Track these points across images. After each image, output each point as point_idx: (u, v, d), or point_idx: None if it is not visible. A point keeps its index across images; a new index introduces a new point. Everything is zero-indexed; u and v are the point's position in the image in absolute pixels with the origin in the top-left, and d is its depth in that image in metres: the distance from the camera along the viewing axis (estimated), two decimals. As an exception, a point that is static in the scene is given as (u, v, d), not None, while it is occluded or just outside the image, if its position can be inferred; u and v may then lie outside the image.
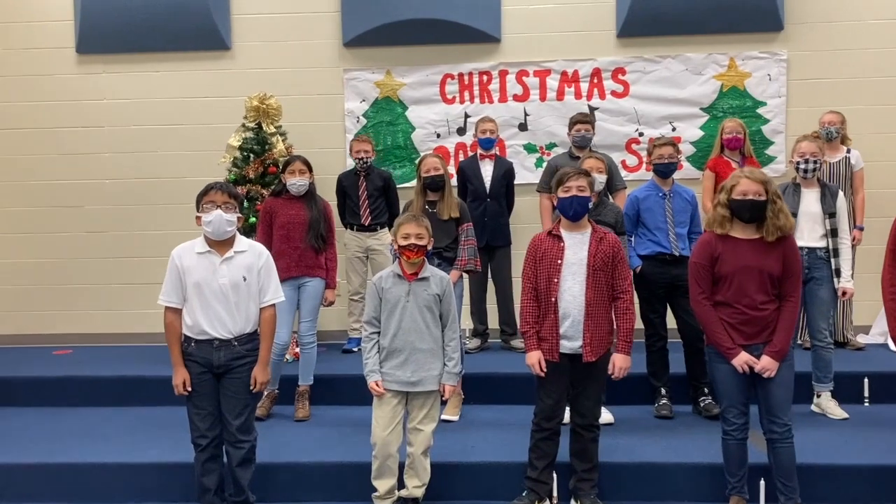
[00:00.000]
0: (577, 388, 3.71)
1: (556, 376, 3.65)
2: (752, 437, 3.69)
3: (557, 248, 3.62)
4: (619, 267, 3.63)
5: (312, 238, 4.87)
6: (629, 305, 3.64)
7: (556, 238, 3.65)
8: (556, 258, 3.61)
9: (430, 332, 3.62)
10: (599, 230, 3.68)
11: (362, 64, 6.53)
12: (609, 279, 3.61)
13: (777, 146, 6.40)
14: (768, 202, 3.42)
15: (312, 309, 4.92)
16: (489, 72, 6.48)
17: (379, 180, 5.94)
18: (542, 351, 3.63)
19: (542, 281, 3.63)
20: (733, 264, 3.43)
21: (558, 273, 3.60)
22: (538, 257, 3.65)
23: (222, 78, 6.55)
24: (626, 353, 3.64)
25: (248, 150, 5.87)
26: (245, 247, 3.57)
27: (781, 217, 3.42)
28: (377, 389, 3.57)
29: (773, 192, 3.45)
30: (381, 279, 3.67)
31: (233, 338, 3.51)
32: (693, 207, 4.83)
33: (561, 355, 3.62)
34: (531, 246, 3.71)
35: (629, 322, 3.63)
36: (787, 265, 3.44)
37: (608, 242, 3.63)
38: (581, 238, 3.63)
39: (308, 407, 4.92)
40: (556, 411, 3.70)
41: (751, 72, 6.38)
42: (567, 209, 3.63)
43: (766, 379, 3.45)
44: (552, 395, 3.68)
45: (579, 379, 3.68)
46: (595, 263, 3.58)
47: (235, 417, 3.56)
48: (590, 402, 3.71)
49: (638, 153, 6.48)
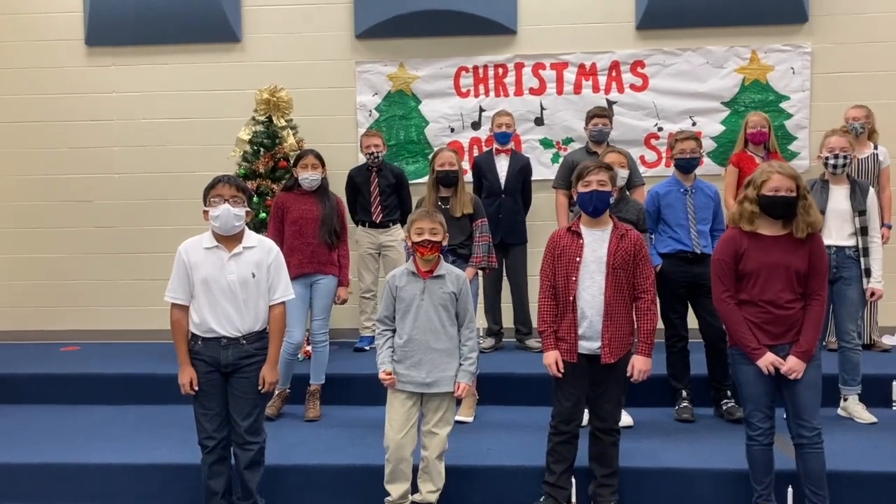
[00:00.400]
0: (596, 391, 3.59)
1: (574, 378, 3.54)
2: (779, 443, 3.55)
3: (576, 245, 3.50)
4: (640, 265, 3.50)
5: (325, 234, 4.77)
6: (650, 306, 3.51)
7: (576, 235, 3.53)
8: (575, 256, 3.49)
9: (446, 331, 3.50)
10: (621, 227, 3.56)
11: (375, 56, 6.42)
12: (630, 278, 3.49)
13: (800, 142, 6.24)
14: (799, 198, 3.30)
15: (325, 307, 4.81)
16: (505, 64, 6.36)
17: (391, 176, 5.84)
18: (560, 351, 3.51)
19: (560, 279, 3.51)
20: (759, 261, 3.31)
21: (577, 271, 3.48)
22: (556, 254, 3.54)
23: (232, 70, 6.45)
24: (647, 355, 3.51)
25: (258, 143, 5.79)
26: (254, 242, 3.46)
27: (812, 213, 3.32)
28: (388, 379, 3.43)
29: (804, 188, 3.35)
30: (395, 277, 3.55)
31: (241, 336, 3.41)
32: (716, 204, 4.69)
33: (579, 356, 3.50)
34: (550, 243, 3.60)
35: (650, 323, 3.51)
36: (814, 262, 3.32)
37: (630, 240, 3.50)
38: (601, 235, 3.51)
39: (319, 407, 4.82)
40: (574, 414, 3.58)
41: (773, 65, 6.22)
42: (587, 204, 3.50)
43: (793, 381, 3.32)
44: (570, 397, 3.56)
45: (598, 381, 3.56)
46: (615, 262, 3.46)
47: (244, 418, 3.45)
48: (609, 405, 3.58)
49: (657, 148, 6.34)
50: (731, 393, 4.64)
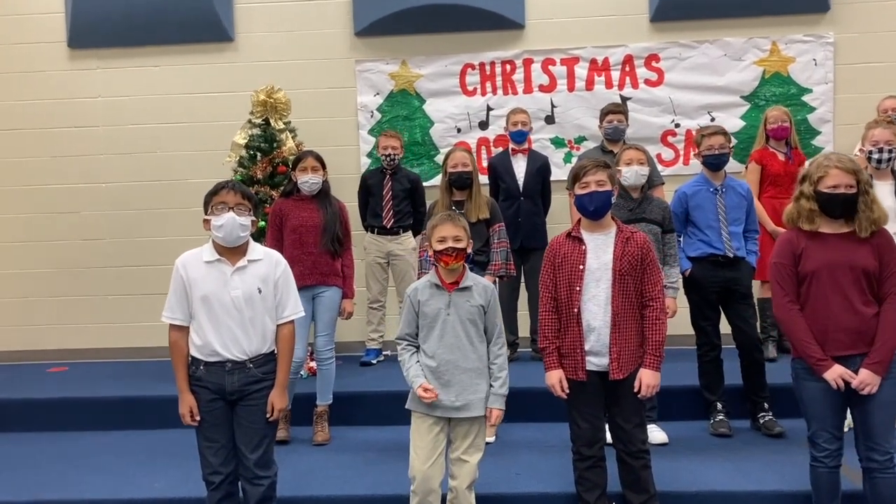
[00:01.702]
0: (611, 411, 3.30)
1: (586, 397, 3.24)
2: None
3: (578, 251, 3.21)
4: (648, 270, 3.21)
5: (328, 242, 4.47)
6: (660, 314, 3.21)
7: (576, 240, 3.24)
8: (578, 263, 3.19)
9: (475, 348, 3.17)
10: (626, 229, 3.27)
11: (376, 54, 6.16)
12: (638, 285, 3.20)
13: (824, 136, 5.99)
14: (860, 194, 3.02)
15: (330, 321, 4.52)
16: (513, 61, 6.09)
17: (406, 181, 5.59)
18: (565, 369, 3.23)
19: (562, 290, 3.22)
20: (819, 260, 3.02)
21: (580, 280, 3.18)
22: (557, 263, 3.25)
23: (226, 71, 6.21)
24: (655, 368, 3.20)
25: (254, 148, 5.52)
26: (260, 255, 3.13)
27: (875, 209, 3.04)
28: (427, 395, 3.10)
29: (865, 182, 3.06)
30: (417, 291, 3.22)
31: (248, 359, 3.09)
32: (749, 203, 4.41)
33: (588, 373, 3.20)
34: (549, 251, 3.32)
35: (659, 333, 3.21)
36: (885, 260, 3.02)
37: (636, 243, 3.21)
38: (604, 239, 3.22)
39: (328, 429, 4.54)
40: (594, 435, 3.27)
41: (795, 56, 5.97)
42: (586, 206, 3.22)
43: (865, 397, 3.01)
44: (586, 418, 3.26)
45: (612, 400, 3.27)
46: (622, 267, 3.16)
47: (252, 450, 3.12)
48: (629, 425, 3.26)
49: (674, 146, 6.06)
50: (769, 405, 4.41)
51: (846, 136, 5.74)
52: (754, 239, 4.43)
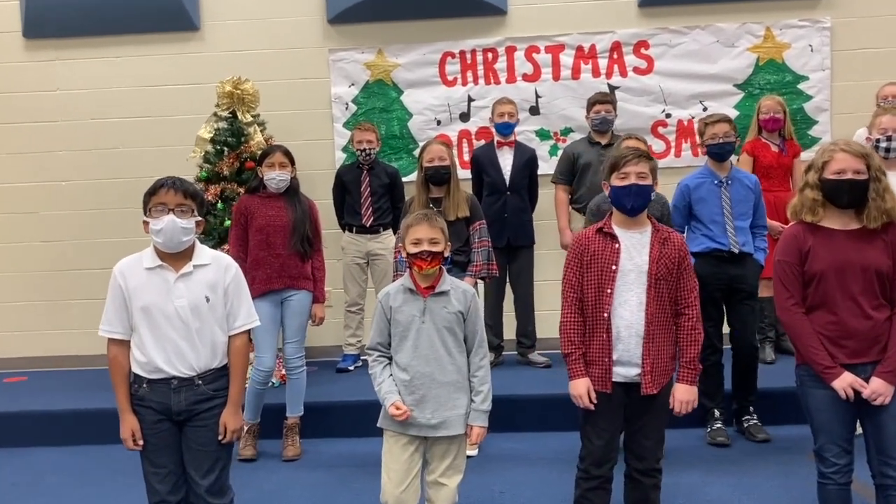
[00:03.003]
0: (633, 426, 2.99)
1: (608, 411, 2.94)
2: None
3: (611, 250, 2.91)
4: (685, 275, 2.93)
5: (297, 242, 4.18)
6: (696, 324, 2.93)
7: (610, 237, 2.93)
8: (610, 263, 2.89)
9: (453, 359, 2.86)
10: (663, 229, 2.98)
11: (350, 43, 5.87)
12: (672, 291, 2.91)
13: (821, 126, 5.73)
14: (871, 180, 2.74)
15: (299, 327, 4.24)
16: (495, 49, 5.81)
17: (384, 176, 5.32)
18: (591, 379, 2.91)
19: (590, 291, 2.91)
20: (828, 259, 2.74)
21: (612, 282, 2.88)
22: (586, 260, 2.93)
23: (191, 62, 5.90)
24: (692, 383, 2.92)
25: (221, 142, 5.21)
26: (207, 259, 2.82)
27: (888, 198, 2.74)
28: (401, 413, 2.80)
29: (877, 168, 2.77)
30: (389, 296, 2.91)
31: (196, 375, 2.77)
32: (756, 196, 4.16)
33: (614, 385, 2.90)
34: (576, 246, 2.99)
35: (696, 345, 2.92)
36: None
37: (674, 244, 2.92)
38: (640, 238, 2.93)
39: (299, 443, 4.28)
40: (607, 454, 2.98)
41: (790, 42, 5.70)
42: (625, 201, 2.90)
43: (877, 408, 2.72)
44: (603, 434, 2.95)
45: (636, 414, 2.96)
46: (658, 271, 2.87)
47: (203, 476, 2.80)
48: (650, 441, 2.99)
49: (665, 137, 5.79)
50: (754, 409, 4.23)
51: (844, 125, 5.47)
52: (762, 235, 4.17)
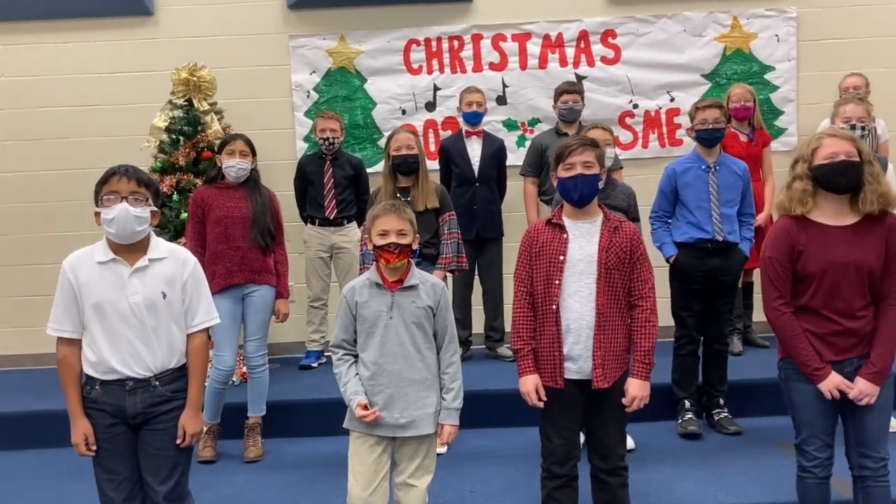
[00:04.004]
0: (592, 424, 2.91)
1: (563, 408, 2.85)
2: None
3: (560, 240, 2.83)
4: (638, 265, 2.83)
5: (258, 235, 4.02)
6: (650, 316, 2.83)
7: (558, 228, 2.85)
8: (558, 254, 2.81)
9: (423, 356, 2.75)
10: (613, 217, 2.89)
11: (311, 29, 5.69)
12: (625, 281, 2.82)
13: (787, 116, 5.71)
14: (864, 163, 2.67)
15: (261, 324, 4.07)
16: (460, 36, 5.67)
17: (348, 167, 5.15)
18: (542, 375, 2.83)
19: (539, 283, 2.83)
20: (823, 259, 2.66)
21: (560, 273, 2.79)
22: (534, 252, 2.86)
23: (144, 48, 5.67)
24: (645, 378, 2.83)
25: (176, 131, 5.02)
26: (164, 253, 2.66)
27: (883, 182, 2.68)
28: (369, 413, 2.67)
29: (867, 153, 2.71)
30: (354, 291, 2.78)
31: (153, 376, 2.62)
32: (745, 183, 4.09)
33: (568, 381, 2.82)
34: (525, 239, 2.92)
35: (650, 338, 2.82)
36: (890, 254, 2.68)
37: (625, 233, 2.84)
38: (590, 228, 2.84)
39: (261, 443, 4.13)
40: (569, 452, 2.89)
41: (757, 32, 5.66)
42: (571, 192, 2.82)
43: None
44: (562, 432, 2.87)
45: (594, 412, 2.88)
46: (608, 260, 2.79)
47: (161, 482, 2.64)
48: (611, 440, 2.90)
49: (632, 128, 5.73)
50: (724, 402, 4.19)
51: (810, 115, 5.47)
52: (749, 224, 4.12)
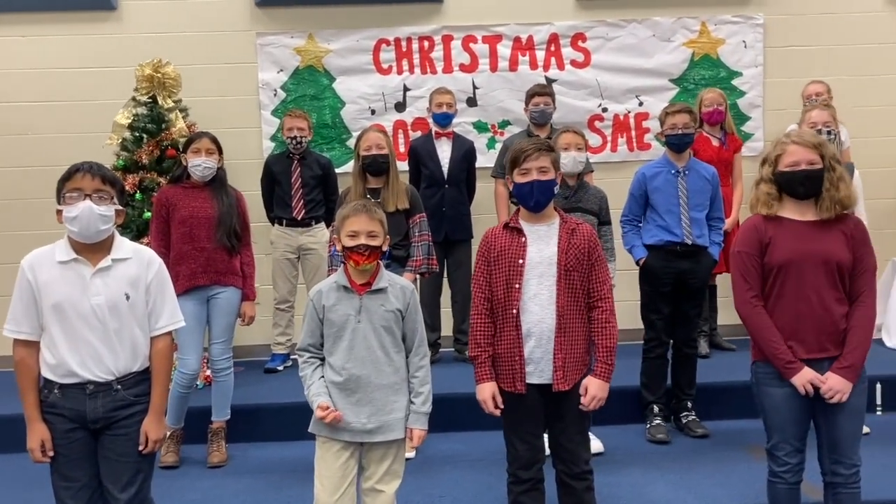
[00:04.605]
0: (554, 429, 2.89)
1: (524, 414, 2.83)
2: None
3: (518, 244, 2.81)
4: (596, 266, 2.84)
5: (224, 235, 3.94)
6: (609, 317, 2.83)
7: (516, 232, 2.84)
8: (518, 257, 2.79)
9: (391, 360, 2.71)
10: (570, 220, 2.89)
11: (279, 27, 5.61)
12: (584, 282, 2.82)
13: (754, 122, 5.77)
14: (825, 170, 2.71)
15: (227, 327, 4.00)
16: (431, 37, 5.63)
17: (316, 167, 5.09)
18: (501, 380, 2.81)
19: (498, 288, 2.81)
20: (789, 250, 2.69)
21: (520, 276, 2.78)
22: (492, 258, 2.84)
23: (107, 43, 5.54)
24: (605, 378, 2.80)
25: (140, 129, 4.93)
26: (128, 253, 2.58)
27: (842, 188, 2.71)
28: (329, 414, 2.62)
29: (831, 158, 2.74)
30: (321, 294, 2.72)
31: (114, 380, 2.54)
32: (713, 187, 4.13)
33: (529, 386, 2.80)
34: (483, 244, 2.90)
35: (610, 338, 2.82)
36: (859, 254, 2.71)
37: (582, 235, 2.83)
38: (547, 231, 2.84)
39: (225, 448, 4.06)
40: (534, 457, 2.87)
41: (724, 38, 5.72)
42: (527, 198, 2.81)
43: (833, 407, 2.69)
44: (524, 437, 2.85)
45: (556, 417, 2.86)
46: (568, 262, 2.78)
47: (122, 489, 2.56)
48: (573, 444, 2.88)
49: (602, 131, 5.74)
50: (692, 405, 4.22)
51: (776, 121, 5.53)
52: (718, 228, 4.16)
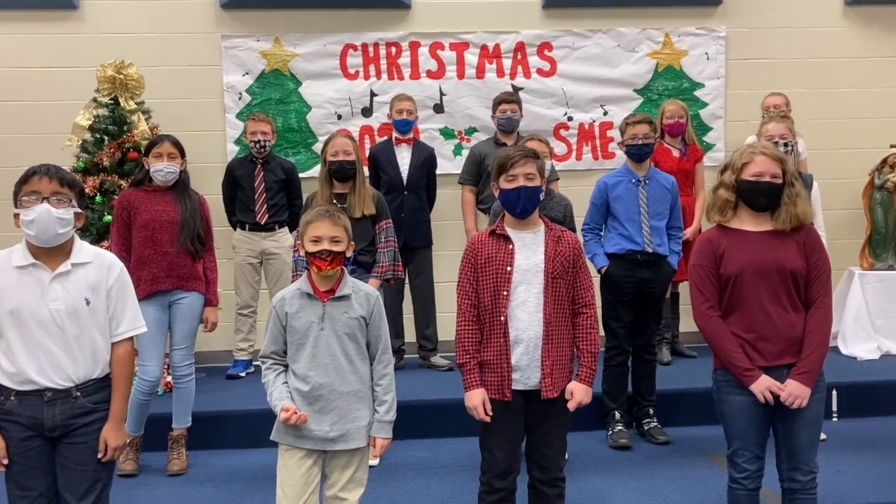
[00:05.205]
0: (534, 435, 2.90)
1: (508, 421, 2.83)
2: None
3: (505, 251, 2.83)
4: (580, 273, 2.87)
5: (187, 239, 3.89)
6: (594, 323, 2.88)
7: (503, 239, 2.85)
8: (505, 264, 2.81)
9: (355, 368, 2.69)
10: (555, 228, 2.92)
11: (245, 29, 5.56)
12: (569, 289, 2.85)
13: (716, 132, 5.87)
14: (785, 185, 2.77)
15: (189, 332, 3.95)
16: (398, 43, 5.63)
17: (280, 171, 5.06)
18: (487, 387, 2.81)
19: (486, 295, 2.82)
20: (743, 261, 2.74)
21: (508, 283, 2.79)
22: (480, 264, 2.84)
23: (68, 43, 5.44)
24: (589, 383, 2.84)
25: (101, 130, 4.86)
26: (88, 257, 2.54)
27: (799, 203, 2.77)
28: (293, 416, 2.59)
29: (791, 174, 2.81)
30: (284, 301, 2.70)
31: (74, 387, 2.49)
32: (673, 197, 4.20)
33: (514, 392, 2.81)
34: (469, 250, 2.90)
35: (594, 344, 2.86)
36: (813, 261, 2.77)
37: (567, 242, 2.87)
38: (533, 238, 2.86)
39: (185, 456, 3.99)
40: (510, 465, 2.87)
41: (687, 50, 5.81)
42: (513, 204, 2.83)
43: (791, 414, 2.73)
44: (504, 445, 2.85)
45: (538, 423, 2.87)
46: (555, 269, 2.81)
47: (80, 499, 2.51)
48: (553, 450, 2.90)
49: (567, 140, 5.79)
50: (654, 411, 4.26)
51: (737, 132, 5.63)
52: (677, 238, 4.22)
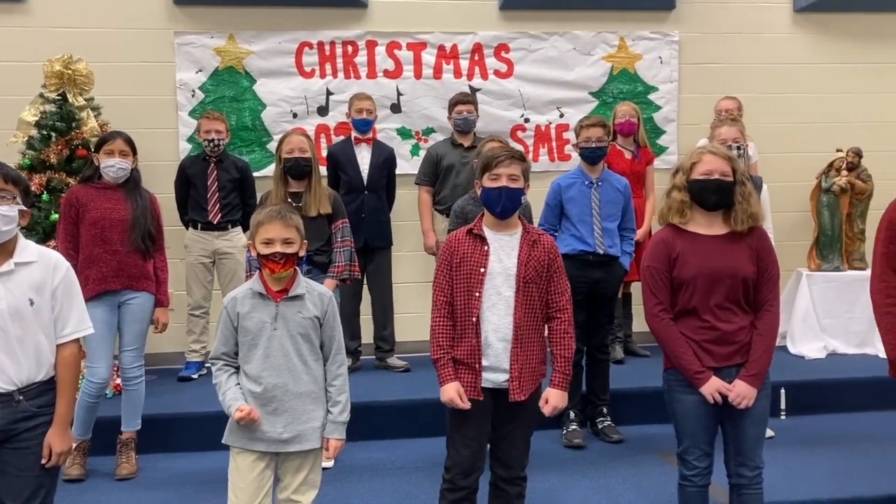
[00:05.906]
0: (499, 433, 2.91)
1: (476, 419, 2.84)
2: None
3: (481, 252, 2.83)
4: (556, 278, 2.88)
5: (138, 238, 3.81)
6: (568, 328, 2.89)
7: (479, 239, 2.85)
8: (479, 265, 2.81)
9: (309, 368, 2.67)
10: (532, 230, 2.93)
11: (198, 26, 5.47)
12: (542, 294, 2.86)
13: (669, 135, 5.95)
14: (736, 184, 2.81)
15: (139, 333, 3.86)
16: (354, 42, 5.59)
17: (234, 170, 4.98)
18: (462, 384, 2.81)
19: (459, 294, 2.82)
20: (697, 266, 2.77)
21: (481, 285, 2.80)
22: (455, 263, 2.84)
23: (15, 37, 5.29)
24: (564, 388, 2.87)
25: (48, 127, 4.73)
26: (32, 256, 2.47)
27: (752, 202, 2.82)
28: (248, 415, 2.56)
29: (741, 173, 2.85)
30: (236, 301, 2.66)
31: (16, 390, 2.43)
32: (626, 199, 4.23)
33: (483, 391, 2.82)
34: (446, 248, 2.90)
35: (569, 349, 2.88)
36: (763, 265, 2.82)
37: (543, 246, 2.88)
38: (509, 241, 2.86)
39: (134, 459, 3.91)
40: (475, 464, 2.88)
41: (642, 54, 5.88)
42: (494, 203, 2.83)
43: (739, 412, 2.79)
44: (471, 443, 2.85)
45: (504, 421, 2.88)
46: (527, 274, 2.82)
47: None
48: (516, 449, 2.92)
49: (524, 141, 5.81)
50: (608, 410, 4.29)
51: (690, 135, 5.70)
52: (630, 239, 4.25)
